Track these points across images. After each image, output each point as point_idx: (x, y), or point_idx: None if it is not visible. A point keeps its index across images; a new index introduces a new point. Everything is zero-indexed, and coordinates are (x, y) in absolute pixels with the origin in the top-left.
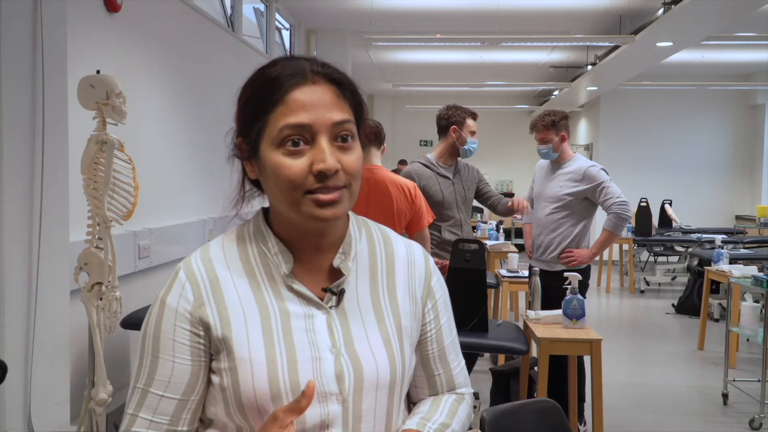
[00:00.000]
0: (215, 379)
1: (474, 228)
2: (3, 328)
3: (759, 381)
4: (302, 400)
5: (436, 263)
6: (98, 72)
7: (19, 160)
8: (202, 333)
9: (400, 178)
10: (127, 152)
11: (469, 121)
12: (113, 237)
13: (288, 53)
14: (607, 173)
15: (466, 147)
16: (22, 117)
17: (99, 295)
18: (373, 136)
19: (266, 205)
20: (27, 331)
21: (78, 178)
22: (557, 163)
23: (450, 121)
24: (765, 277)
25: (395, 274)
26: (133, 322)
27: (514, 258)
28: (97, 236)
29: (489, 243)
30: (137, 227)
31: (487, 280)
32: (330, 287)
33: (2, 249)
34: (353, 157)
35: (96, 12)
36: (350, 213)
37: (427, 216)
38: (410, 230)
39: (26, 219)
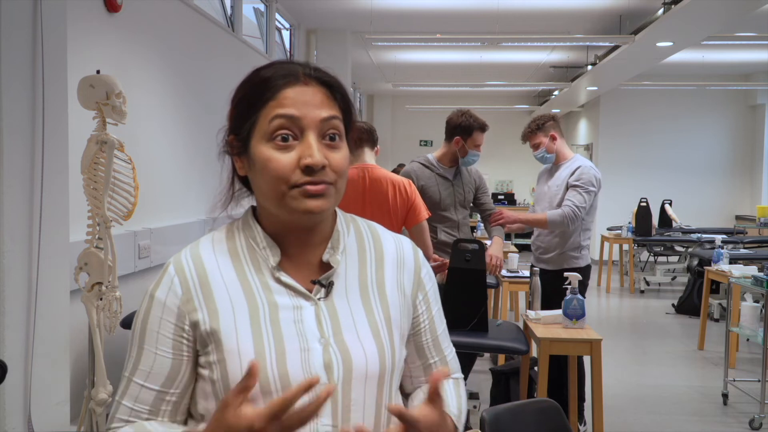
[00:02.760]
0: (205, 372)
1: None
2: (3, 328)
3: (759, 381)
4: (248, 380)
5: (437, 260)
6: (98, 72)
7: (19, 160)
8: (187, 328)
9: (395, 176)
10: (127, 152)
11: (477, 134)
12: (113, 237)
13: (288, 53)
14: (596, 183)
15: (466, 158)
16: (22, 117)
17: (99, 295)
18: (366, 137)
19: (255, 204)
20: (27, 331)
21: (78, 178)
22: (556, 165)
23: (455, 131)
24: (765, 277)
25: (384, 267)
26: None
27: (514, 258)
28: (97, 236)
29: (489, 243)
30: (137, 227)
31: (487, 280)
32: (319, 279)
33: (2, 249)
34: (340, 156)
35: (96, 12)
36: (337, 209)
37: (424, 210)
38: (409, 224)
39: (26, 219)
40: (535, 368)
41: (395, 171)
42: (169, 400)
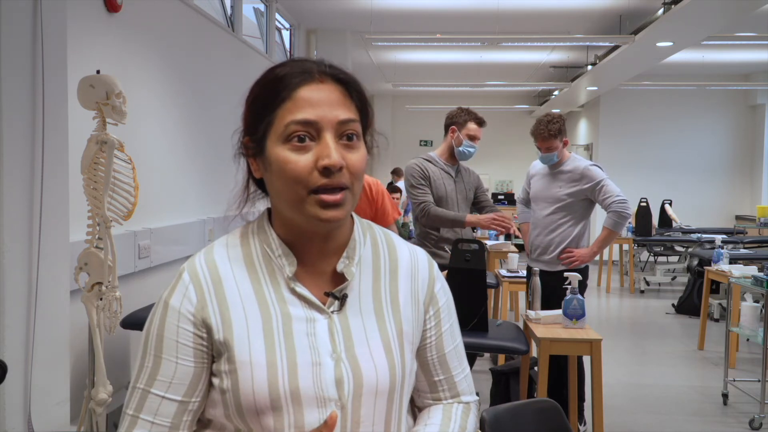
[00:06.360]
0: (215, 381)
1: (474, 228)
2: (3, 328)
3: (759, 381)
4: (324, 428)
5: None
6: (98, 72)
7: (19, 160)
8: (204, 335)
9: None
10: (127, 152)
11: (471, 125)
12: (113, 237)
13: (288, 53)
14: (602, 170)
15: (461, 149)
16: (22, 117)
17: (99, 295)
18: None
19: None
20: (27, 331)
21: (78, 178)
22: (555, 164)
23: (452, 121)
24: (765, 277)
25: (398, 279)
26: (133, 322)
27: (514, 258)
28: (97, 236)
29: (489, 243)
30: (137, 227)
31: (487, 280)
32: (333, 292)
33: (2, 249)
34: (357, 156)
35: (96, 12)
36: (355, 217)
37: (393, 212)
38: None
39: (26, 219)
40: (535, 368)
41: (394, 172)
42: (190, 410)
